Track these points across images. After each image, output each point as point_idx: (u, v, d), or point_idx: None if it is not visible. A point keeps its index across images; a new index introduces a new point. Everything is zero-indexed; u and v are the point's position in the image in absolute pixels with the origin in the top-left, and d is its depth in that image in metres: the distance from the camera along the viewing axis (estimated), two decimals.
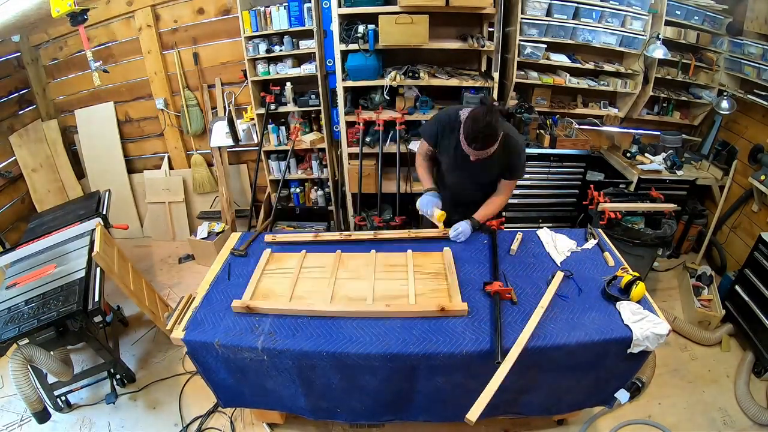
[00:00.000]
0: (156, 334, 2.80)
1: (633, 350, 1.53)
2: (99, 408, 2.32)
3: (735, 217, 3.09)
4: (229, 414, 2.22)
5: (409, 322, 1.59)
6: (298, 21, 3.06)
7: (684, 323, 2.68)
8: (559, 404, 1.83)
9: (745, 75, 2.94)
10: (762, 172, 2.74)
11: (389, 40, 2.78)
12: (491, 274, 1.81)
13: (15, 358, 1.84)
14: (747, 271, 2.53)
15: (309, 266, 1.91)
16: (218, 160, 3.44)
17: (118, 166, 3.86)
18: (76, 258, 2.27)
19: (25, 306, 1.96)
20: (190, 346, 1.58)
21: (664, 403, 2.26)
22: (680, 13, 3.02)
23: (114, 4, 3.34)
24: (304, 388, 1.66)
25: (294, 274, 1.83)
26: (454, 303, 1.62)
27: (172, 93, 3.64)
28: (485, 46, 2.90)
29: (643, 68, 3.13)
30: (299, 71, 3.27)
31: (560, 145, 3.13)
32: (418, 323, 1.58)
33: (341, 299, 1.71)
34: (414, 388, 1.63)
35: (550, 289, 1.69)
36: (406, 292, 1.73)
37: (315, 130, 3.52)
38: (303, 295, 1.74)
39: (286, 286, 1.77)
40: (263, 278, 1.83)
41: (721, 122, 3.24)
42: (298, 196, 3.76)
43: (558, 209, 3.37)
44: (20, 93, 3.60)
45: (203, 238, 3.47)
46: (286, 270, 1.88)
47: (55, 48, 3.60)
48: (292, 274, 1.83)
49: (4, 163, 3.42)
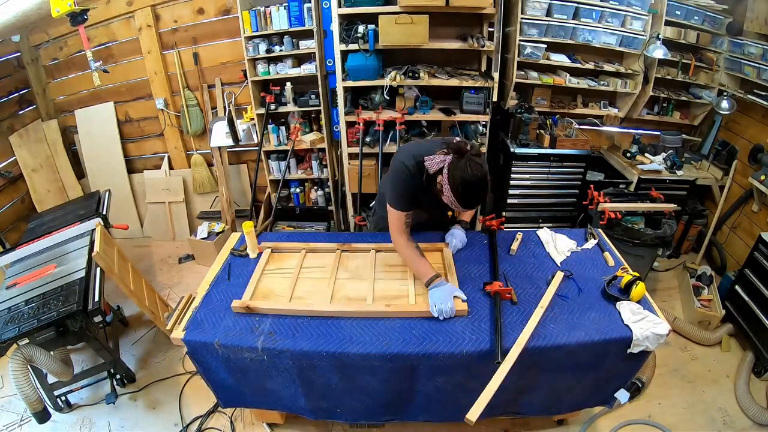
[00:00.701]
0: (156, 334, 2.80)
1: (633, 350, 1.53)
2: (99, 408, 2.32)
3: (735, 217, 3.09)
4: (229, 414, 2.22)
5: (409, 322, 1.59)
6: (298, 21, 3.06)
7: (684, 323, 2.68)
8: (559, 404, 1.83)
9: (745, 75, 2.94)
10: (762, 172, 2.74)
11: (389, 40, 2.78)
12: (491, 274, 1.81)
13: (15, 358, 1.84)
14: (747, 271, 2.53)
15: (309, 266, 1.92)
16: (218, 160, 3.44)
17: (118, 166, 3.86)
18: (76, 258, 2.27)
19: (25, 306, 1.96)
20: (190, 346, 1.58)
21: (664, 403, 2.26)
22: (680, 13, 3.02)
23: (114, 4, 3.34)
24: (304, 388, 1.66)
25: (294, 275, 1.83)
26: (455, 302, 1.63)
27: (172, 93, 3.64)
28: (485, 46, 2.90)
29: (643, 68, 3.13)
30: (299, 71, 3.27)
31: (560, 145, 3.13)
32: (418, 323, 1.58)
33: (341, 299, 1.72)
34: (414, 388, 1.63)
35: (550, 289, 1.69)
36: (407, 292, 1.73)
37: (315, 130, 3.52)
38: (303, 296, 1.74)
39: (286, 286, 1.78)
40: (263, 278, 1.84)
41: (721, 122, 3.24)
42: (298, 196, 3.77)
43: (558, 209, 3.37)
44: (20, 93, 3.60)
45: (203, 238, 3.47)
46: (286, 270, 1.89)
47: (55, 48, 3.60)
48: (292, 275, 1.84)
49: (4, 163, 3.42)
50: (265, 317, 1.63)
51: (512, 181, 3.25)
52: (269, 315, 1.64)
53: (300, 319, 1.61)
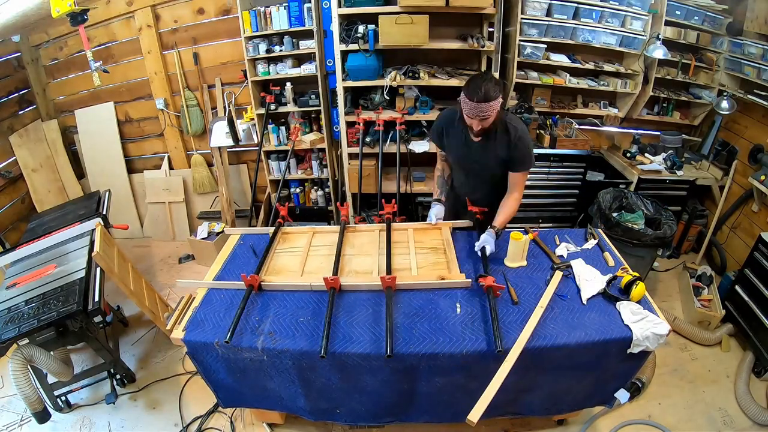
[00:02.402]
0: (156, 335, 2.80)
1: (633, 350, 1.53)
2: (99, 408, 2.32)
3: (735, 217, 3.08)
4: (229, 414, 2.22)
5: (410, 322, 1.59)
6: (298, 21, 3.06)
7: (684, 323, 2.68)
8: (559, 404, 1.83)
9: (745, 75, 2.94)
10: (762, 172, 2.74)
11: (389, 41, 2.78)
12: (484, 268, 1.79)
13: (15, 358, 1.84)
14: (747, 271, 2.53)
15: (317, 244, 2.04)
16: (218, 160, 3.44)
17: (118, 166, 3.86)
18: (76, 258, 2.27)
19: (25, 306, 1.96)
20: (190, 347, 1.58)
21: (664, 403, 2.26)
22: (680, 13, 3.02)
23: (114, 4, 3.34)
24: (304, 388, 1.66)
25: (303, 253, 1.95)
26: (453, 274, 1.73)
27: (172, 93, 3.64)
28: (485, 46, 2.90)
29: (643, 68, 3.13)
30: (299, 71, 3.27)
31: (560, 145, 3.13)
32: (419, 324, 1.58)
33: (348, 273, 1.82)
34: (414, 389, 1.63)
35: (549, 288, 1.69)
36: (409, 265, 1.85)
37: (315, 130, 3.52)
38: (313, 271, 1.85)
39: (297, 263, 1.90)
40: (275, 257, 1.95)
41: (721, 122, 3.24)
42: (298, 196, 3.77)
43: (558, 209, 3.37)
44: (20, 93, 3.60)
45: (203, 238, 3.47)
46: (296, 249, 2.01)
47: (55, 48, 3.60)
48: (301, 253, 1.96)
49: (4, 163, 3.42)
50: (265, 317, 1.63)
51: None
52: (272, 311, 1.65)
53: (300, 319, 1.61)
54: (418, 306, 1.65)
